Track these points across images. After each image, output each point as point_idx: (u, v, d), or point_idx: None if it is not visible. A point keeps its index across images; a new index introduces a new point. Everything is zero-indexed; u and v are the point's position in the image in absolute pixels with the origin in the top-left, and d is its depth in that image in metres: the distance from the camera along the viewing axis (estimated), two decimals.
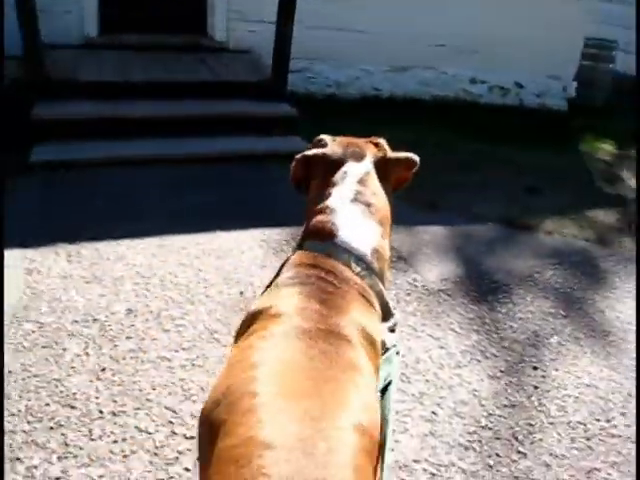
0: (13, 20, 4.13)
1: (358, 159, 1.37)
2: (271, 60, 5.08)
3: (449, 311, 3.02)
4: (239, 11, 5.79)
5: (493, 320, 3.00)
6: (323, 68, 6.24)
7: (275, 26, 4.94)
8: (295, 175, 1.41)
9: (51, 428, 2.07)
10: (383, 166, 1.39)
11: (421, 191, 4.15)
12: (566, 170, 5.35)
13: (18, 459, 1.94)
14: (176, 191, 4.01)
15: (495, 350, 2.78)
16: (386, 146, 1.44)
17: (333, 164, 1.36)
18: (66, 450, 2.00)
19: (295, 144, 4.46)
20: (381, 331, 1.21)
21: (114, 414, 2.17)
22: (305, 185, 1.41)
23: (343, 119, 5.18)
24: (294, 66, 5.52)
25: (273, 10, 4.88)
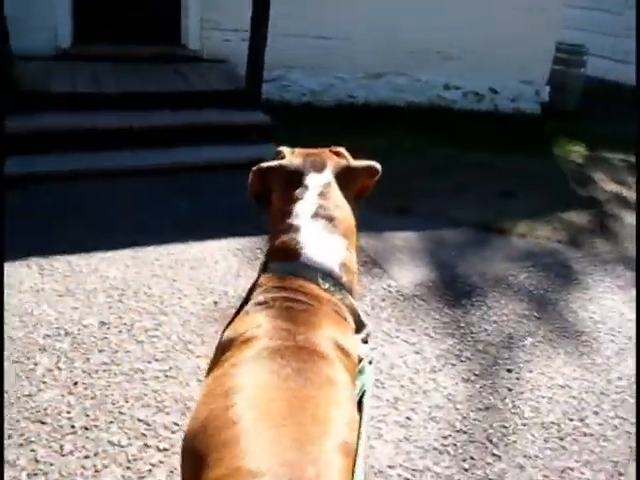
0: None
1: (318, 170, 1.34)
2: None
3: (424, 316, 3.04)
4: (213, 20, 5.80)
5: (468, 323, 3.02)
6: (298, 76, 6.26)
7: (249, 35, 4.95)
8: (253, 188, 1.37)
9: (20, 445, 2.05)
10: (345, 175, 1.36)
11: (395, 197, 4.18)
12: (539, 173, 5.42)
13: None
14: (150, 202, 3.99)
15: (470, 353, 2.80)
16: (347, 154, 1.42)
17: (292, 176, 1.33)
18: (36, 467, 1.97)
19: (269, 152, 4.43)
20: (355, 344, 1.20)
21: (86, 428, 2.15)
22: (265, 198, 1.37)
23: (318, 126, 5.22)
24: (269, 75, 5.54)
25: (247, 19, 4.89)
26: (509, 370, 2.73)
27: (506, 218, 4.34)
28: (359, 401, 1.11)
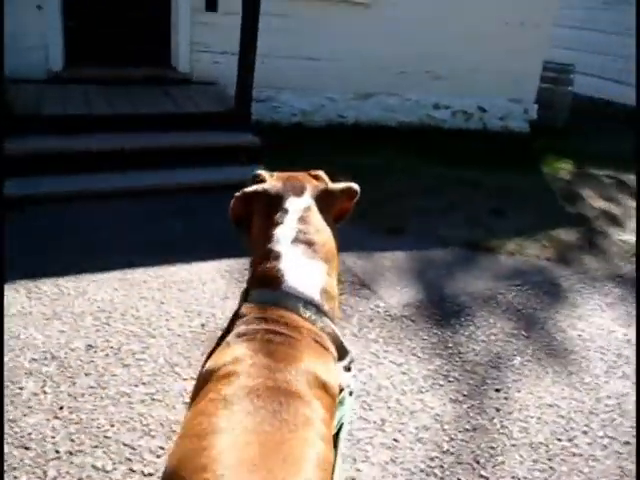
0: None
1: (298, 194, 1.35)
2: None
3: (412, 336, 3.04)
4: (202, 43, 5.86)
5: (456, 343, 3.02)
6: (288, 97, 6.31)
7: (238, 57, 4.99)
8: (234, 212, 1.38)
9: (3, 472, 2.03)
10: (324, 198, 1.37)
11: (385, 216, 4.21)
12: (528, 191, 5.45)
13: None
14: (139, 224, 3.99)
15: (457, 374, 2.79)
16: (326, 178, 1.43)
17: (273, 200, 1.33)
18: None
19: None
20: (337, 374, 1.20)
21: (71, 453, 2.13)
22: (246, 223, 1.38)
23: (309, 147, 5.25)
24: (259, 95, 5.58)
25: (237, 41, 4.94)
26: (497, 390, 2.72)
27: (495, 236, 4.36)
28: (337, 434, 1.11)
